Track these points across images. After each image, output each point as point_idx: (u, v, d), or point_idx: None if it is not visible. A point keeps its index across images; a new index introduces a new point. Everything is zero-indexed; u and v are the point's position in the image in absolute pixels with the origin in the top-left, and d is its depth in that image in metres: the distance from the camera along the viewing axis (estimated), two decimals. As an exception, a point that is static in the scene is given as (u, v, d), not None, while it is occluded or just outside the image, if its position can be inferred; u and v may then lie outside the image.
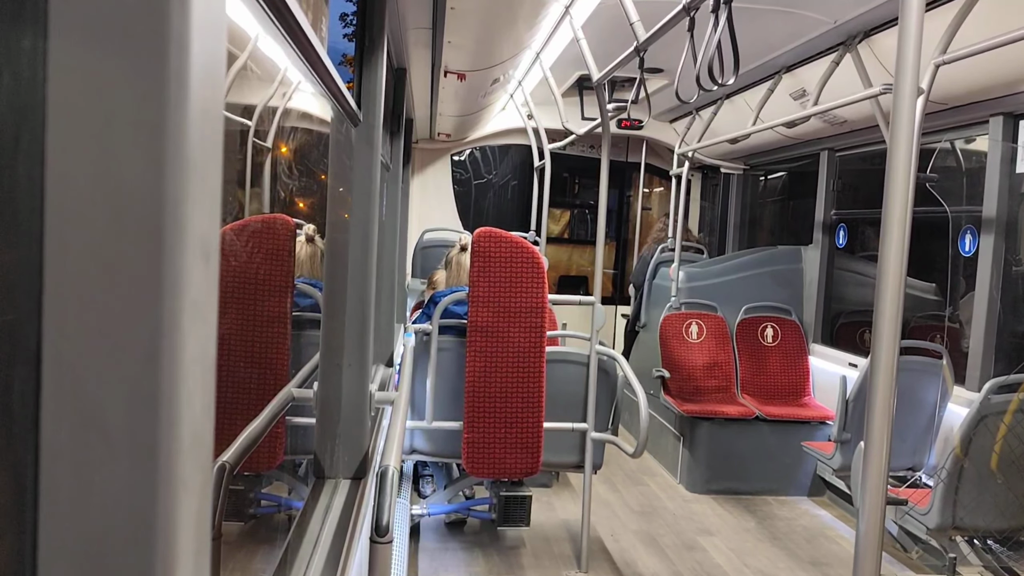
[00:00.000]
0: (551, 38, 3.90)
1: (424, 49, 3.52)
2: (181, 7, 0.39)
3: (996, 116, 3.55)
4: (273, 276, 1.54)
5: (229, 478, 1.14)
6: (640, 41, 2.48)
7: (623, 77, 4.83)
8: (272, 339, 1.57)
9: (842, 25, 3.55)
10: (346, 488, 1.90)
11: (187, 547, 0.42)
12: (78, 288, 0.39)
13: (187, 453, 0.41)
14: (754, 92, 4.73)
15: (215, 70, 0.43)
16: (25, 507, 0.40)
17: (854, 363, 4.63)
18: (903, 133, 1.39)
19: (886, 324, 1.43)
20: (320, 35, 1.48)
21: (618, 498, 4.74)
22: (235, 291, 1.37)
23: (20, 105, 0.40)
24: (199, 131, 0.40)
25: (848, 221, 5.16)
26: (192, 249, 0.40)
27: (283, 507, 1.85)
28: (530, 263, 3.22)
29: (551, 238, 7.24)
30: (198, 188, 0.41)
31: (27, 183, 0.39)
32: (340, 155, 1.93)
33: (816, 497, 4.89)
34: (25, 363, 0.39)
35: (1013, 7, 2.70)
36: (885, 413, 1.44)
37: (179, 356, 0.40)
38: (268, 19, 0.96)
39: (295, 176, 1.78)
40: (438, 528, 4.11)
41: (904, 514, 3.40)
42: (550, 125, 5.54)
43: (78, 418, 0.39)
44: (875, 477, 1.46)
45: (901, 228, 1.41)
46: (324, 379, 1.90)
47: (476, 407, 3.25)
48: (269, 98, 1.46)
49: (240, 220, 1.34)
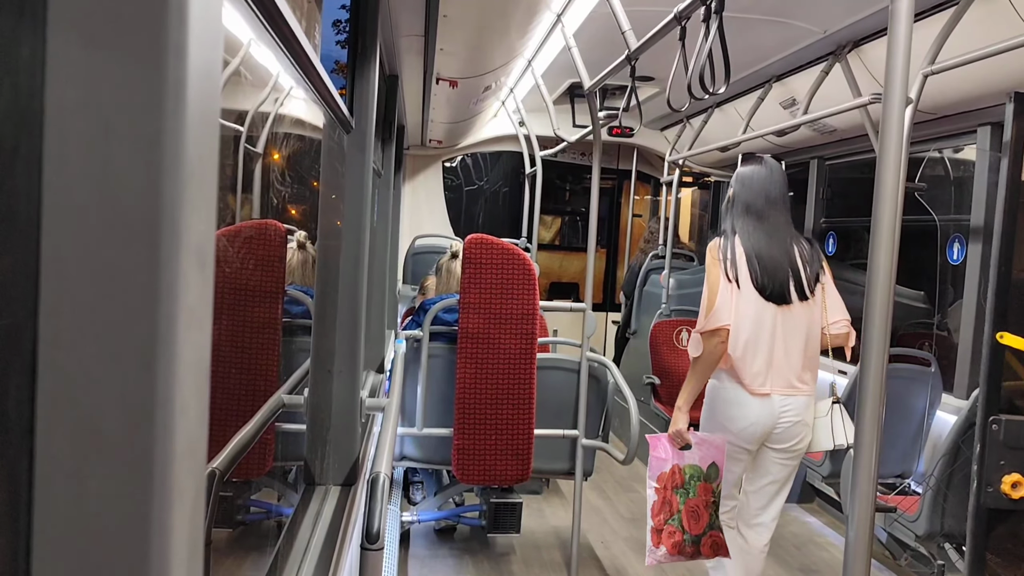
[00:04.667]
0: (543, 46, 3.92)
1: (416, 56, 3.53)
2: (179, 15, 0.39)
3: (984, 126, 3.58)
4: (264, 282, 1.54)
5: (219, 484, 1.13)
6: (631, 50, 2.49)
7: (614, 85, 4.85)
8: (263, 345, 1.56)
9: (832, 35, 3.58)
10: (336, 495, 1.90)
11: (180, 554, 0.42)
12: (74, 294, 0.39)
13: (181, 460, 0.41)
14: (744, 101, 4.76)
15: (211, 78, 0.43)
16: (19, 513, 0.39)
17: (843, 370, 4.65)
18: (892, 142, 1.41)
19: (875, 332, 1.44)
20: (313, 42, 1.48)
21: (609, 505, 4.74)
22: (226, 297, 1.37)
23: (17, 111, 0.40)
24: (196, 138, 0.41)
25: (837, 229, 5.18)
26: (188, 256, 0.40)
27: (273, 514, 1.84)
28: (521, 269, 3.22)
29: (542, 245, 7.24)
30: (194, 195, 0.41)
31: (24, 189, 0.39)
32: (332, 162, 1.94)
33: (806, 504, 4.90)
34: (20, 369, 0.39)
35: (1002, 18, 2.73)
36: (874, 420, 1.45)
37: (174, 363, 0.40)
38: (262, 26, 0.97)
39: (287, 182, 1.78)
40: (428, 535, 4.10)
41: (893, 521, 3.42)
42: (541, 132, 5.55)
43: (73, 425, 0.39)
44: (864, 484, 1.47)
45: (890, 236, 1.42)
46: (314, 386, 1.90)
47: (466, 414, 3.25)
48: (261, 104, 1.46)
49: (231, 226, 1.33)
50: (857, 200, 5.26)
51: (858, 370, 1.45)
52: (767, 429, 2.80)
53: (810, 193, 5.25)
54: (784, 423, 2.79)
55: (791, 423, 2.80)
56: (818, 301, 2.82)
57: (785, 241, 2.82)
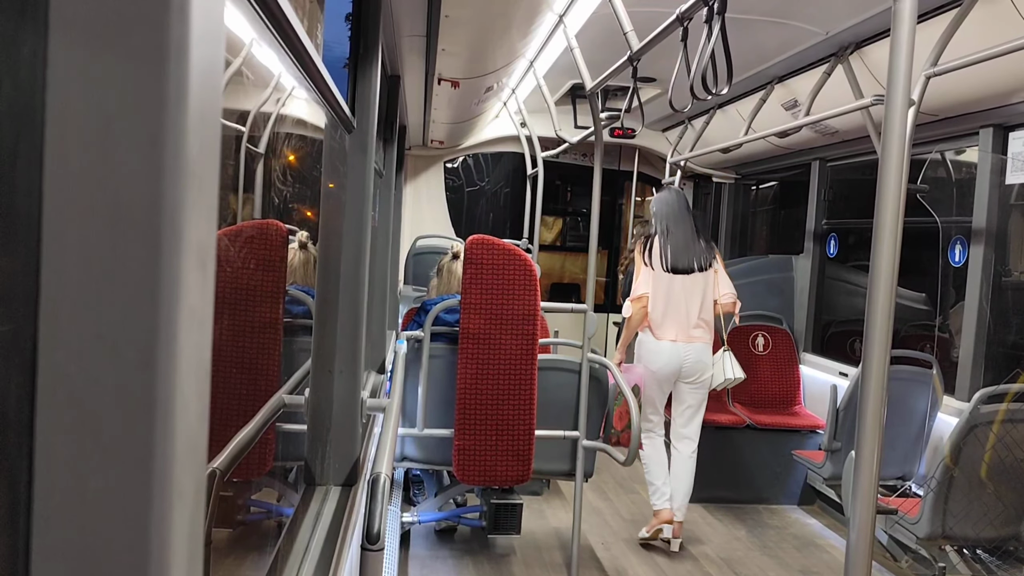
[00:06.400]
0: (545, 47, 3.92)
1: (418, 57, 3.53)
2: (180, 15, 0.39)
3: (986, 128, 3.57)
4: (265, 282, 1.54)
5: (220, 484, 1.13)
6: (633, 51, 2.49)
7: (616, 86, 4.84)
8: (264, 345, 1.56)
9: (834, 36, 3.57)
10: (337, 495, 1.90)
11: (180, 555, 0.42)
12: (74, 294, 0.38)
13: (182, 461, 0.41)
14: (746, 102, 4.76)
15: (213, 78, 0.43)
16: (19, 513, 0.39)
17: (845, 372, 4.65)
18: (894, 144, 1.40)
19: (877, 333, 1.43)
20: (315, 42, 1.48)
21: (609, 506, 4.73)
22: (227, 296, 1.37)
23: (19, 111, 0.40)
24: (197, 138, 0.40)
25: (839, 231, 5.18)
26: (189, 256, 0.40)
27: (273, 514, 1.84)
28: (523, 270, 3.22)
29: (544, 246, 7.24)
30: (196, 195, 0.41)
31: (25, 188, 0.39)
32: (334, 162, 1.93)
33: (807, 506, 4.90)
34: (21, 369, 0.39)
35: (1004, 19, 2.73)
36: (876, 422, 1.45)
37: (175, 364, 0.40)
38: (264, 26, 0.97)
39: (288, 182, 1.78)
40: (428, 536, 4.10)
41: (894, 523, 3.41)
42: (543, 133, 5.55)
43: (73, 425, 0.39)
44: (865, 486, 1.47)
45: (892, 238, 1.42)
46: (315, 386, 1.90)
47: (467, 414, 3.25)
48: (262, 103, 1.46)
49: (233, 225, 1.33)
50: (859, 202, 5.25)
51: (860, 372, 1.45)
52: (676, 367, 4.04)
53: (811, 195, 5.25)
54: (688, 363, 4.05)
55: (693, 362, 4.06)
56: (710, 279, 4.07)
57: (688, 238, 4.11)
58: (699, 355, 4.06)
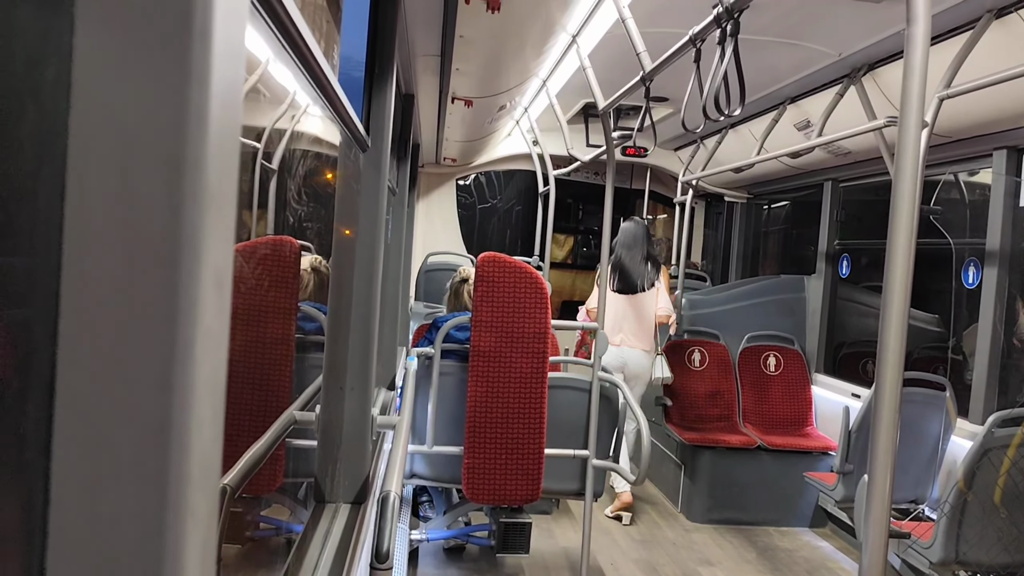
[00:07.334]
0: (558, 66, 3.94)
1: (432, 76, 3.55)
2: (202, 40, 0.39)
3: (1000, 150, 3.56)
4: (278, 298, 1.54)
5: (230, 501, 1.13)
6: (646, 71, 2.50)
7: (628, 105, 4.86)
8: (275, 361, 1.57)
9: (847, 58, 3.58)
10: (346, 513, 1.89)
11: (192, 571, 0.42)
12: (93, 313, 0.39)
13: (196, 481, 0.41)
14: (758, 122, 4.76)
15: (233, 98, 0.44)
16: (34, 532, 0.40)
17: (857, 393, 4.61)
18: (907, 165, 1.40)
19: (890, 355, 1.42)
20: (332, 62, 1.50)
21: (619, 526, 4.70)
22: (240, 312, 1.37)
23: (42, 130, 0.41)
24: (217, 159, 0.41)
25: (851, 251, 5.16)
26: (207, 277, 0.41)
27: (283, 531, 1.84)
28: (533, 288, 3.23)
29: (555, 263, 7.25)
30: (214, 219, 0.41)
31: (45, 208, 0.40)
32: (348, 179, 1.95)
33: (818, 528, 4.85)
34: (38, 388, 0.40)
35: (1018, 42, 2.72)
36: (889, 445, 1.44)
37: (191, 384, 0.40)
38: (281, 46, 0.98)
39: (302, 199, 1.79)
40: (437, 554, 4.08)
41: (907, 547, 3.37)
42: (555, 151, 5.57)
43: (90, 443, 0.39)
44: (878, 509, 1.45)
45: (905, 259, 1.42)
46: (326, 402, 1.90)
47: (477, 432, 3.24)
48: (277, 121, 1.47)
49: (247, 242, 1.34)
50: (871, 222, 5.24)
51: (872, 394, 1.44)
52: (620, 365, 4.81)
53: (824, 215, 5.23)
54: (631, 364, 4.87)
55: (634, 364, 4.88)
56: (650, 297, 4.93)
57: (638, 261, 4.94)
58: (638, 359, 4.91)
